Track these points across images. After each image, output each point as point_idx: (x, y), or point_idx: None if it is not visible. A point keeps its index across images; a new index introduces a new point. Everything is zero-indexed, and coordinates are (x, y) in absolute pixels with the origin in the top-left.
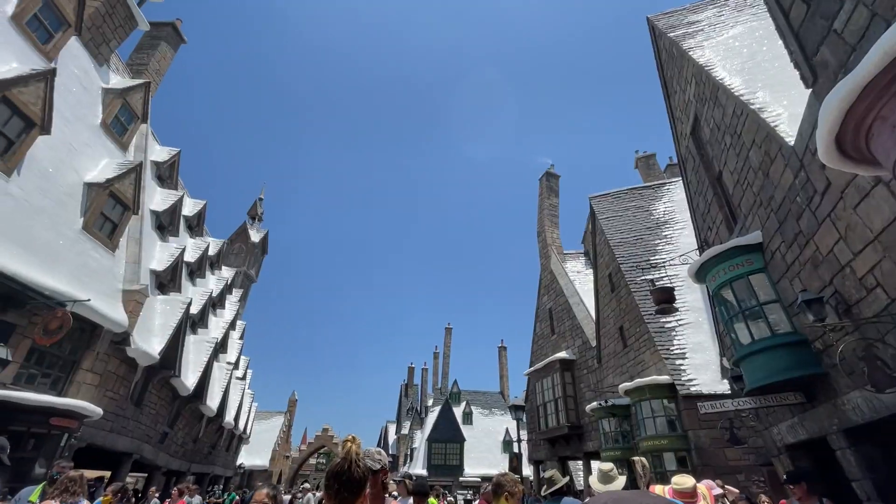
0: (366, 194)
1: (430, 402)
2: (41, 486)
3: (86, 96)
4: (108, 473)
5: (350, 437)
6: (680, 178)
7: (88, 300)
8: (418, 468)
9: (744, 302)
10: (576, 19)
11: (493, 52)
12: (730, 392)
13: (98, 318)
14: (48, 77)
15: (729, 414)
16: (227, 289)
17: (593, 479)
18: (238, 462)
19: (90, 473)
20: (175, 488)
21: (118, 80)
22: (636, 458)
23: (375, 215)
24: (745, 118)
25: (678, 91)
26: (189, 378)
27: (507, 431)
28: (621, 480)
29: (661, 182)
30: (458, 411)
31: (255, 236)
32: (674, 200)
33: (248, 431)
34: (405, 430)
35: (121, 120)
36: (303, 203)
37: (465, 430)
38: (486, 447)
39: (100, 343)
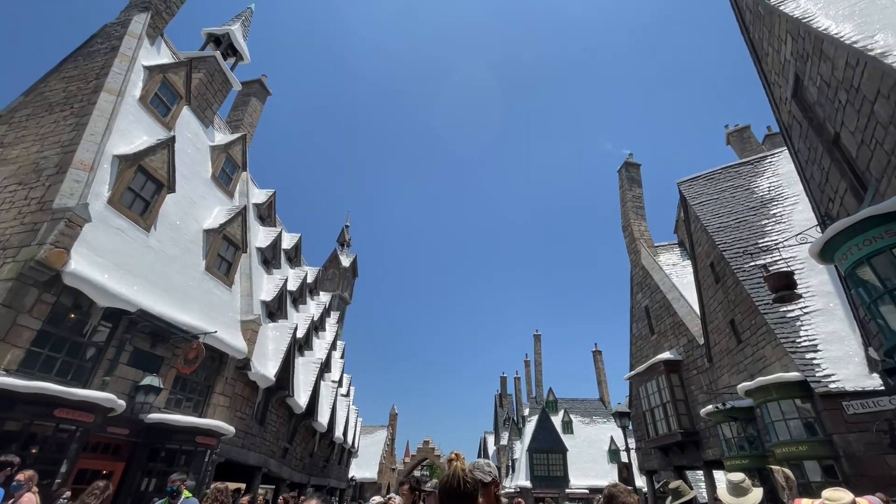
0: (447, 210)
1: (526, 412)
2: (164, 500)
3: (198, 155)
4: (243, 485)
5: (454, 454)
6: (784, 149)
7: (216, 332)
8: (521, 479)
9: (889, 280)
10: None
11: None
12: (883, 388)
13: (224, 347)
14: (170, 144)
15: (887, 414)
16: (326, 312)
17: (722, 492)
18: (350, 475)
19: (230, 485)
20: (281, 497)
21: (221, 137)
22: (776, 467)
23: (459, 228)
24: (863, 68)
25: (770, 52)
26: (301, 397)
27: (611, 440)
28: (757, 493)
29: (759, 156)
30: (556, 420)
31: (345, 261)
32: (779, 174)
33: (356, 445)
34: (504, 441)
35: (226, 171)
36: (388, 224)
37: (565, 439)
38: (591, 457)
39: (227, 369)
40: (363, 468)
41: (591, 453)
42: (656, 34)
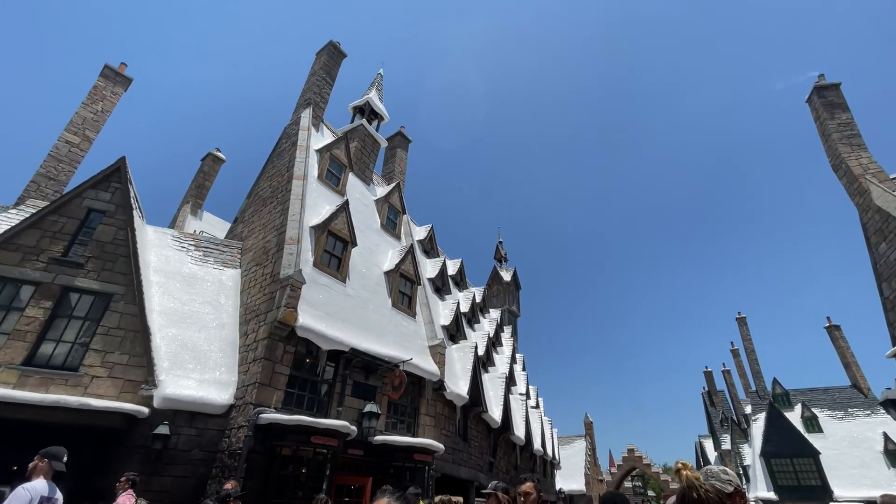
0: (597, 197)
1: (748, 410)
2: None
3: (367, 210)
4: (460, 499)
5: (680, 463)
6: None
7: (411, 359)
8: (761, 490)
9: None
10: None
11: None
12: None
13: (420, 372)
14: (346, 208)
15: None
16: (499, 327)
17: None
18: (557, 487)
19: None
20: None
21: (381, 190)
22: None
23: (614, 213)
24: None
25: None
26: (495, 412)
27: (885, 438)
28: None
29: None
30: (792, 417)
31: (506, 276)
32: None
33: (556, 457)
34: (726, 445)
35: (390, 218)
36: (544, 229)
37: (812, 439)
38: (858, 460)
39: (426, 391)
40: (568, 479)
41: (858, 456)
42: None
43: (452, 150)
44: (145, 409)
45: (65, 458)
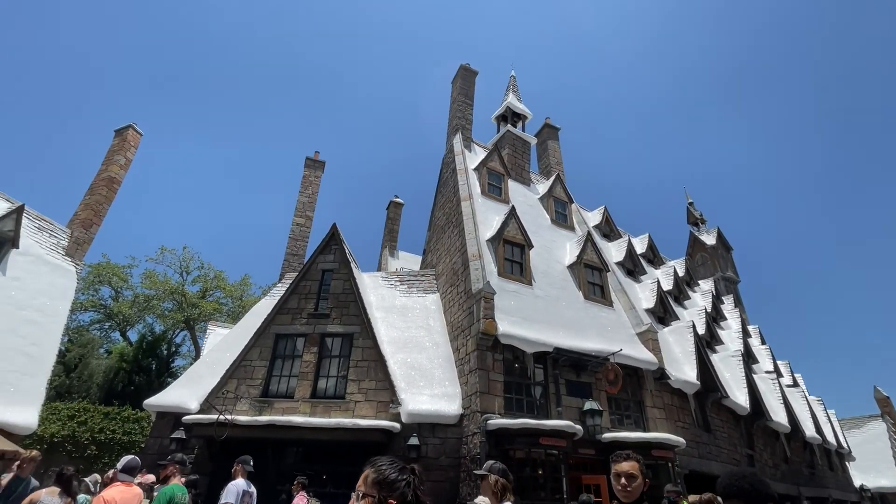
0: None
1: None
2: None
3: (533, 211)
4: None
5: None
6: None
7: (620, 350)
8: None
9: None
10: None
11: None
12: None
13: (634, 362)
14: (513, 214)
15: None
16: (717, 299)
17: None
18: (857, 483)
19: (693, 497)
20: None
21: (542, 187)
22: None
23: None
24: None
25: None
26: (738, 396)
27: None
28: None
29: None
30: None
31: (708, 239)
32: None
33: (844, 445)
34: None
35: (559, 211)
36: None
37: None
38: None
39: (646, 382)
40: (871, 473)
41: None
42: None
43: (608, 120)
44: (397, 425)
45: (251, 463)
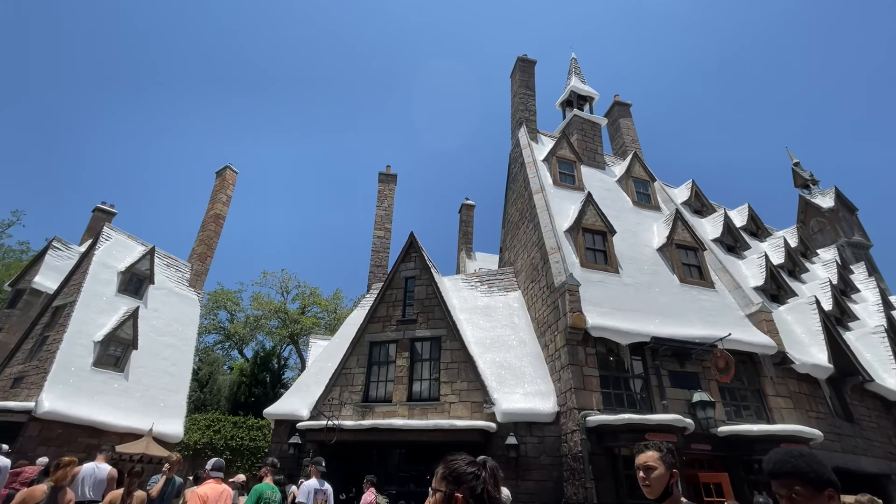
0: None
1: None
2: None
3: (612, 194)
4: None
5: None
6: None
7: (729, 335)
8: None
9: None
10: None
11: None
12: None
13: (747, 347)
14: (590, 200)
15: None
16: (844, 269)
17: None
18: None
19: (847, 498)
20: None
21: (619, 168)
22: None
23: None
24: None
25: None
26: (885, 379)
27: None
28: None
29: None
30: None
31: (824, 202)
32: None
33: None
34: None
35: (640, 192)
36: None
37: None
38: None
39: (765, 368)
40: None
41: None
42: None
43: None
44: (493, 425)
45: (324, 463)
